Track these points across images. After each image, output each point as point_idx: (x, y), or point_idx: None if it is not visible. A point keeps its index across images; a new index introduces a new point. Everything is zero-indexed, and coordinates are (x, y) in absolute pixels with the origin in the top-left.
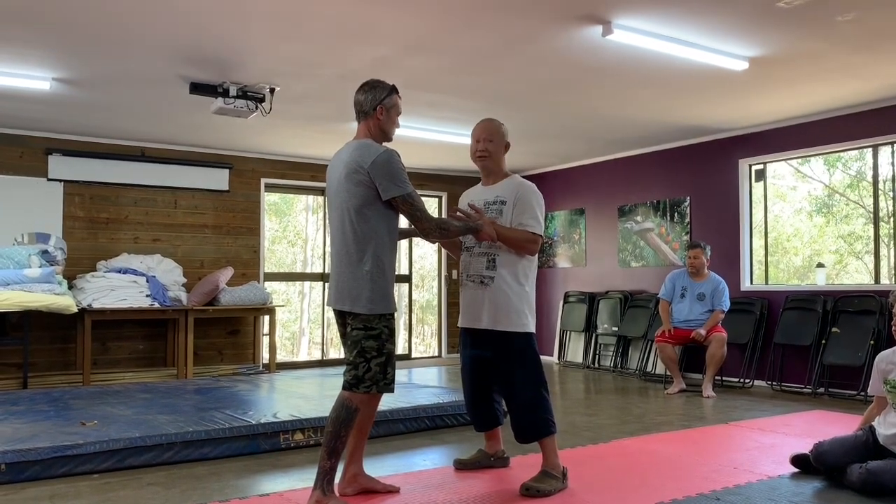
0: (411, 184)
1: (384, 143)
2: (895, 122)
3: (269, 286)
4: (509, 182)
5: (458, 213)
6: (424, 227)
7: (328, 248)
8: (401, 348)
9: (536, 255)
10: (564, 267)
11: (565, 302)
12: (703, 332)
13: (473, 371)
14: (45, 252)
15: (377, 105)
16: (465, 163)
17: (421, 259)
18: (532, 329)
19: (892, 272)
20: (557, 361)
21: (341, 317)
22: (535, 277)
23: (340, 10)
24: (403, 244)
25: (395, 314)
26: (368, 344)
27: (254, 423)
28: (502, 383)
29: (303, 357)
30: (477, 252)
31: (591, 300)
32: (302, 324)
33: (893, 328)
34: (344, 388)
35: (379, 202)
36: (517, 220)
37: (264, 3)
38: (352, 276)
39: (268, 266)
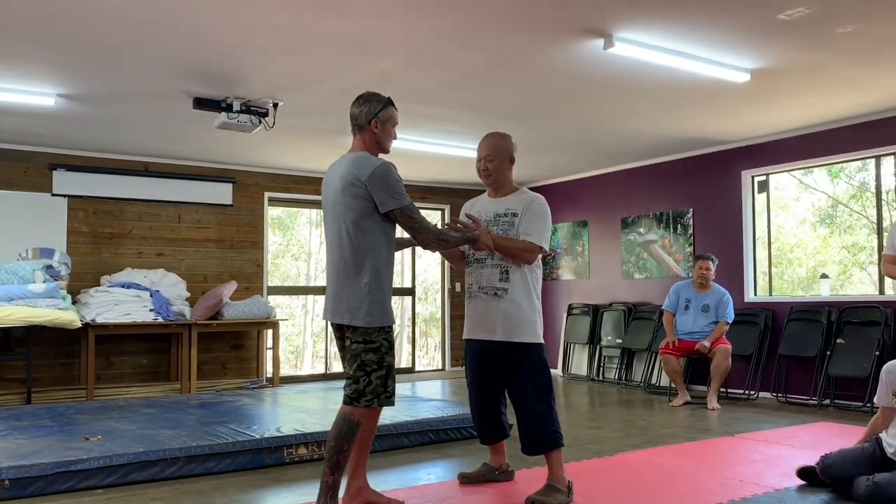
0: (409, 196)
1: (380, 155)
2: None
3: (273, 300)
4: (519, 195)
5: (457, 225)
6: (423, 239)
7: None
8: (404, 361)
9: (541, 267)
10: (568, 279)
11: (569, 314)
12: (707, 343)
13: (482, 382)
14: (49, 267)
15: (372, 119)
16: (468, 175)
17: (424, 272)
18: (542, 340)
19: None
20: (562, 374)
21: (339, 330)
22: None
23: (343, 26)
24: (407, 257)
25: (395, 326)
26: (368, 357)
27: (257, 437)
28: (514, 395)
29: (306, 371)
30: (490, 264)
31: (595, 312)
32: (305, 337)
33: None
34: (345, 402)
35: (376, 214)
36: (524, 232)
37: (267, 19)
38: (350, 289)
39: (271, 280)
